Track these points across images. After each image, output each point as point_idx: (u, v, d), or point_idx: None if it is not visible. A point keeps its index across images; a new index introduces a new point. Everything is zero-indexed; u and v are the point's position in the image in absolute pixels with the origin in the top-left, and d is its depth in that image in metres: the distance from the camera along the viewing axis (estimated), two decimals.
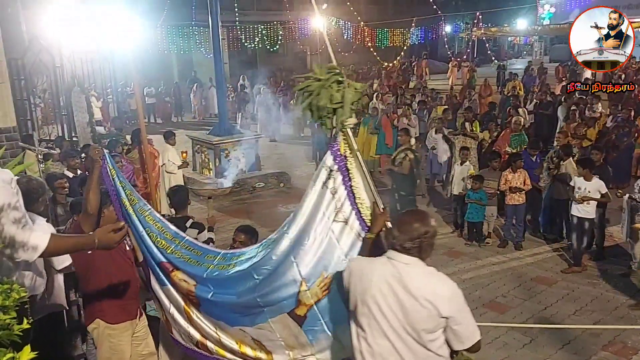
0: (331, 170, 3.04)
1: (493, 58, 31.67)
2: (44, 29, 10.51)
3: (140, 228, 3.52)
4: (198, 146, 11.89)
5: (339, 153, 3.03)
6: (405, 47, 28.53)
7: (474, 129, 10.24)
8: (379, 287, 2.55)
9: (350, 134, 3.03)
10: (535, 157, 8.19)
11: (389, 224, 2.92)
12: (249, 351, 3.29)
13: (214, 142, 11.20)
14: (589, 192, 6.81)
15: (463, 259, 7.55)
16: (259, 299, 3.09)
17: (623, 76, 18.95)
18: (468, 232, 8.11)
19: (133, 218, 3.53)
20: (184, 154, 9.09)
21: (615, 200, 7.20)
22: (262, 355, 3.25)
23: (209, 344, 3.42)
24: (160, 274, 3.49)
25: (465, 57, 28.60)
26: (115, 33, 8.09)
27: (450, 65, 25.85)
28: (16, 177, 2.74)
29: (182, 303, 3.46)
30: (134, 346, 3.95)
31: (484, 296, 6.42)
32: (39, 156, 6.72)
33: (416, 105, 13.59)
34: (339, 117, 2.93)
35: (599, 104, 12.69)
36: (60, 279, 4.10)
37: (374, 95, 15.90)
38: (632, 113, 11.22)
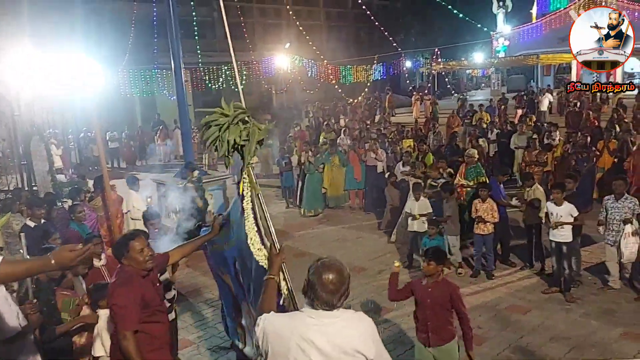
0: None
1: (452, 91, 32.60)
2: (1, 77, 10.30)
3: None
4: (164, 190, 11.65)
5: (239, 192, 3.12)
6: (368, 83, 29.15)
7: (426, 162, 10.37)
8: (301, 347, 2.44)
9: (252, 172, 3.10)
10: (502, 184, 8.27)
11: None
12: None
13: (180, 186, 11.00)
14: (561, 216, 6.87)
15: None
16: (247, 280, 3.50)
17: (579, 104, 19.62)
18: None
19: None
20: (149, 200, 8.90)
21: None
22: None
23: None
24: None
25: (426, 90, 29.36)
26: (75, 79, 7.95)
27: (413, 99, 26.46)
28: None
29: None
30: None
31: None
32: None
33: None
34: (247, 154, 2.98)
35: (557, 132, 13.07)
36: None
37: (342, 131, 16.06)
38: (588, 139, 11.58)
